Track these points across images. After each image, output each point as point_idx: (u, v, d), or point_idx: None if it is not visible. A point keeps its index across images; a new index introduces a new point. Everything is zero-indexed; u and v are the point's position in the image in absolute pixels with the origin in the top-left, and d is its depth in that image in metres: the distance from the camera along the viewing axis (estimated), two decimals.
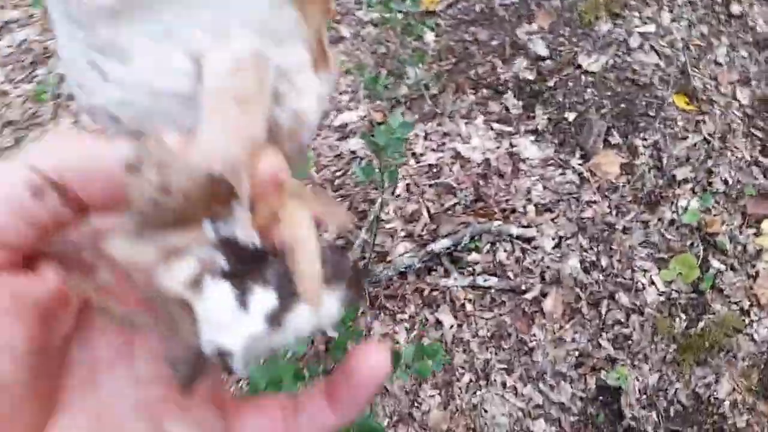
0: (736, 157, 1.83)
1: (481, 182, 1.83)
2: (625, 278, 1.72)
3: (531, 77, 2.03)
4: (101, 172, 0.25)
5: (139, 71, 0.29)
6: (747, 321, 1.66)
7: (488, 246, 1.79)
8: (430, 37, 2.22)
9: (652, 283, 1.72)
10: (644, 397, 1.63)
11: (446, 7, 2.32)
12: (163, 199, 0.23)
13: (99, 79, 0.30)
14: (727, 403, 1.62)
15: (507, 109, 1.97)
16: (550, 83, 2.02)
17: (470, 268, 1.77)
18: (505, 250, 1.78)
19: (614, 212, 1.79)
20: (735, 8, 2.24)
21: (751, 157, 1.83)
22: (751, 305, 1.68)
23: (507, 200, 1.80)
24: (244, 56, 0.28)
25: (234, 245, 0.25)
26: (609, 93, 1.98)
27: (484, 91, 2.06)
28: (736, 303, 1.69)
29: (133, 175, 0.23)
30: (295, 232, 0.26)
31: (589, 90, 1.99)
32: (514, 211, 1.80)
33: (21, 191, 0.23)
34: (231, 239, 0.25)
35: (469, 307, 1.75)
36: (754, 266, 1.71)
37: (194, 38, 0.29)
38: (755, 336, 1.65)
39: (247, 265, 0.25)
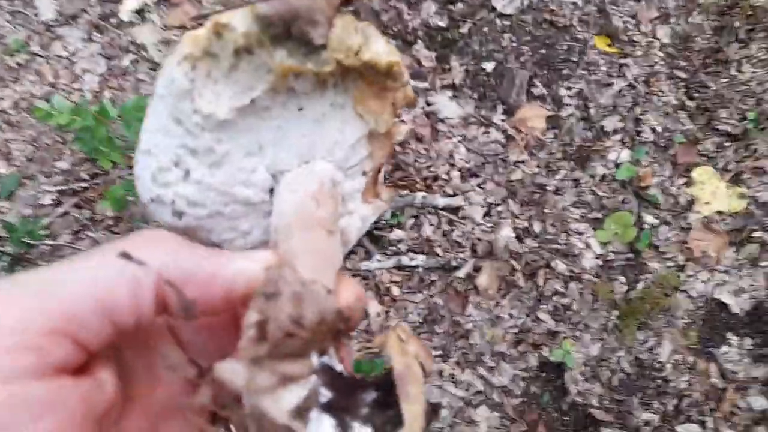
0: (663, 102, 1.72)
1: (398, 149, 1.61)
2: (560, 243, 1.59)
3: (442, 23, 1.80)
4: (222, 287, 0.27)
5: (222, 177, 0.34)
6: (683, 277, 1.59)
7: (412, 221, 1.59)
8: None
9: (588, 246, 1.60)
10: (587, 369, 1.54)
11: None
12: (296, 331, 0.25)
13: (180, 176, 0.34)
14: (669, 365, 1.55)
15: (419, 62, 1.74)
16: (464, 30, 1.80)
17: (394, 248, 1.58)
18: (431, 224, 1.59)
19: (544, 172, 1.64)
20: None
21: (678, 101, 1.72)
22: (687, 260, 1.60)
23: (428, 167, 1.59)
24: (326, 182, 0.35)
25: (337, 378, 0.27)
26: (528, 38, 1.79)
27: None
28: (671, 259, 1.60)
29: (269, 302, 0.25)
30: (409, 361, 0.27)
31: (506, 35, 1.79)
32: (436, 178, 1.60)
33: (117, 290, 0.25)
34: (332, 370, 0.27)
35: (395, 290, 1.56)
36: (686, 218, 1.63)
37: (281, 159, 0.36)
38: (692, 292, 1.58)
39: (345, 399, 0.26)
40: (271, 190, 0.36)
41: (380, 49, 0.35)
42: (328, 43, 0.32)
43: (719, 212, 1.62)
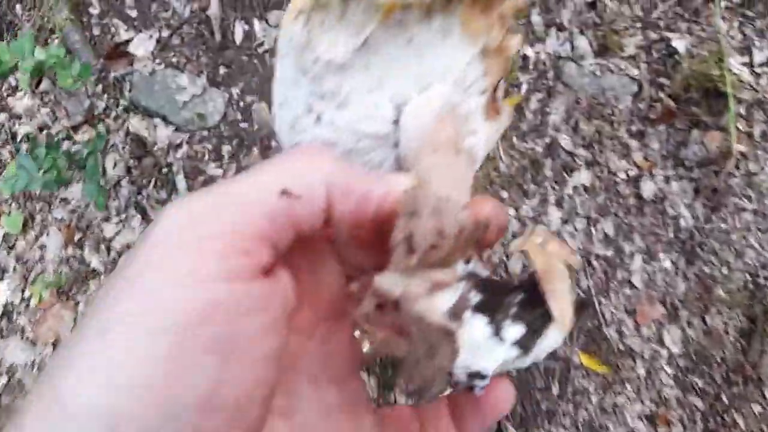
0: None
1: None
2: None
3: None
4: (375, 204, 0.29)
5: (350, 116, 0.37)
6: None
7: None
8: None
9: None
10: None
11: None
12: (440, 242, 0.27)
13: (312, 121, 0.37)
14: None
15: None
16: None
17: None
18: None
19: None
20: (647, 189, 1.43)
21: None
22: None
23: None
24: (446, 105, 0.37)
25: (482, 281, 0.29)
26: None
27: None
28: None
29: (412, 218, 0.28)
30: (551, 261, 0.29)
31: None
32: None
33: (301, 199, 0.27)
34: (479, 276, 0.29)
35: None
36: None
37: (401, 89, 0.38)
38: None
39: (495, 300, 0.28)
40: (396, 122, 0.38)
41: None
42: None
43: None
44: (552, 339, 0.28)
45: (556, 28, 1.49)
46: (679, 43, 1.43)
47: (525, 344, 0.27)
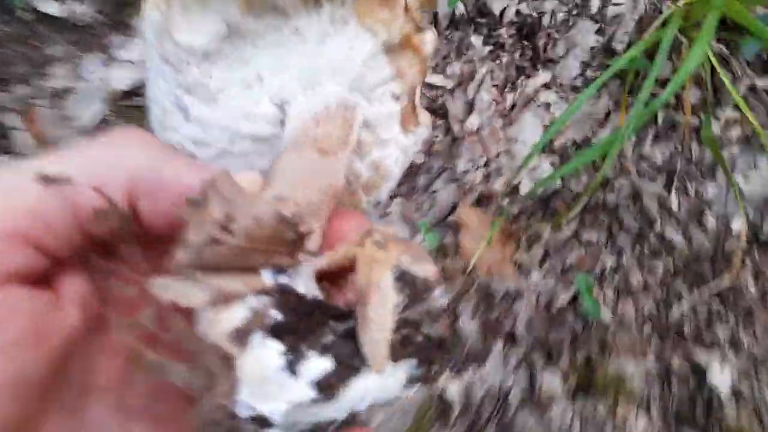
0: None
1: None
2: None
3: None
4: (170, 196, 0.23)
5: (222, 113, 0.32)
6: None
7: None
8: None
9: None
10: None
11: None
12: (223, 237, 0.22)
13: (182, 117, 0.33)
14: None
15: None
16: None
17: None
18: None
19: None
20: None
21: None
22: None
23: None
24: (332, 105, 0.32)
25: (293, 298, 0.23)
26: None
27: None
28: None
29: (194, 208, 0.22)
30: (371, 282, 0.23)
31: None
32: None
33: (85, 195, 0.22)
34: (290, 291, 0.23)
35: None
36: None
37: (285, 87, 0.32)
38: None
39: (304, 323, 0.22)
40: (282, 123, 0.33)
41: None
42: None
43: None
44: (364, 384, 0.21)
45: None
46: None
47: (327, 385, 0.21)
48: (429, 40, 0.35)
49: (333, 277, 0.25)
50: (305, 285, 0.23)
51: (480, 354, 1.04)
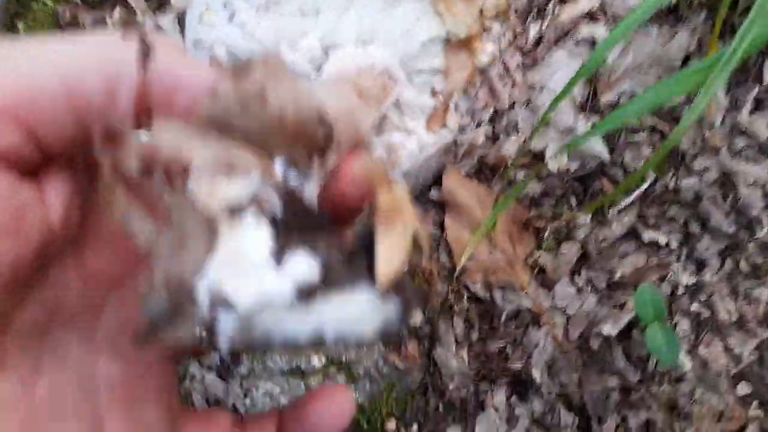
0: None
1: None
2: None
3: None
4: (191, 89, 0.21)
5: (267, 26, 0.32)
6: None
7: None
8: None
9: None
10: None
11: None
12: (256, 104, 0.21)
13: (225, 17, 0.32)
14: None
15: None
16: None
17: None
18: None
19: None
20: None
21: None
22: None
23: None
24: (378, 66, 0.32)
25: (298, 197, 0.22)
26: None
27: None
28: None
29: (234, 74, 0.21)
30: (399, 204, 0.22)
31: None
32: None
33: (89, 77, 0.20)
34: (297, 190, 0.22)
35: None
36: None
37: (338, 31, 0.32)
38: None
39: (302, 224, 0.21)
40: (319, 68, 0.33)
41: None
42: None
43: None
44: (359, 300, 0.20)
45: None
46: None
47: (308, 290, 0.19)
48: (488, 50, 0.36)
49: (335, 199, 0.24)
50: (310, 194, 0.22)
51: (468, 410, 0.68)
